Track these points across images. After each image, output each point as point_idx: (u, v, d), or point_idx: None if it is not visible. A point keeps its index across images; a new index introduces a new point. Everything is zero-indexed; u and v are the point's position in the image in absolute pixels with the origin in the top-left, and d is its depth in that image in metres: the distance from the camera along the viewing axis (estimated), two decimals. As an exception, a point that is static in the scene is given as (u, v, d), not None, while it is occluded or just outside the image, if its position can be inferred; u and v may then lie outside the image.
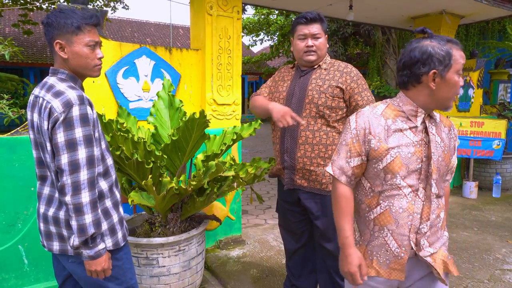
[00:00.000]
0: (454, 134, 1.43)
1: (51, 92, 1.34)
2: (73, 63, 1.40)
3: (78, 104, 1.31)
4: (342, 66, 2.05)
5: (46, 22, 1.37)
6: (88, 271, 1.40)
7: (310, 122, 1.97)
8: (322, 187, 2.02)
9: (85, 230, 1.32)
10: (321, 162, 1.99)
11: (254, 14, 15.23)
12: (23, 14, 12.16)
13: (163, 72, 3.02)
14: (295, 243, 2.26)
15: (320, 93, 1.96)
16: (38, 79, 16.28)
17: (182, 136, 2.13)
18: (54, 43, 1.37)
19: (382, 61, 8.50)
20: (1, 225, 2.37)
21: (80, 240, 1.33)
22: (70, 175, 1.29)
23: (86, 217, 1.32)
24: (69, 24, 1.35)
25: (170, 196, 2.12)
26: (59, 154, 1.30)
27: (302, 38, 2.01)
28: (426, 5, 4.63)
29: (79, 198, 1.30)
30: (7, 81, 7.49)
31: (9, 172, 2.37)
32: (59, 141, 1.29)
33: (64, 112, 1.29)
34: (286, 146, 2.03)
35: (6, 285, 2.40)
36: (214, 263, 3.05)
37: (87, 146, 1.33)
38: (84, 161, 1.32)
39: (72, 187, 1.30)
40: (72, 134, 1.30)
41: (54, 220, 1.43)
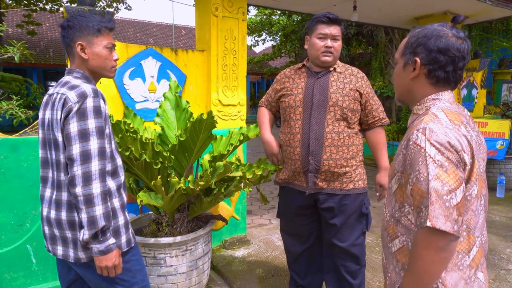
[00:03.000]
0: None
1: (66, 86, 1.38)
2: (92, 64, 1.46)
3: (92, 96, 1.34)
4: (354, 71, 2.10)
5: (67, 24, 1.42)
6: (98, 267, 1.37)
7: (334, 125, 1.99)
8: (343, 186, 2.05)
9: (95, 222, 1.30)
10: (344, 163, 2.02)
11: (256, 15, 15.25)
12: (26, 15, 12.22)
13: (169, 73, 3.04)
14: (301, 245, 2.27)
15: (344, 96, 1.99)
16: (41, 79, 16.35)
17: (189, 136, 2.14)
18: (76, 45, 1.42)
19: (385, 61, 8.51)
20: (9, 224, 2.39)
21: (91, 234, 1.30)
22: (81, 165, 1.29)
23: (97, 208, 1.30)
24: (91, 26, 1.42)
25: (178, 196, 2.14)
26: (71, 144, 1.30)
27: (322, 37, 2.00)
28: (430, 6, 4.64)
29: (90, 189, 1.29)
30: (11, 81, 7.54)
31: (17, 173, 2.39)
32: (71, 131, 1.30)
33: (78, 102, 1.31)
34: (311, 149, 2.01)
35: (15, 284, 2.42)
36: (220, 262, 3.07)
37: (99, 138, 1.33)
38: (96, 151, 1.32)
39: (83, 177, 1.29)
40: (85, 124, 1.31)
41: (57, 222, 1.41)
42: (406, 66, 1.15)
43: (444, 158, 0.97)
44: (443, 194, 0.95)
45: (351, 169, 2.05)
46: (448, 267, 1.06)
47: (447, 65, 1.08)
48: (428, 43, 1.09)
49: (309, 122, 2.02)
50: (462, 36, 1.11)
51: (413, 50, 1.12)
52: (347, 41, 10.20)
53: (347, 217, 2.07)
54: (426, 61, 1.10)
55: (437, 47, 1.08)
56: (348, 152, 2.02)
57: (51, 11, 12.29)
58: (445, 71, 1.09)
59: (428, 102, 1.13)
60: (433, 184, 0.95)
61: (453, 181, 0.96)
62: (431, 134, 1.00)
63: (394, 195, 1.16)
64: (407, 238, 1.12)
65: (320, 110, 2.00)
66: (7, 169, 2.36)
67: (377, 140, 2.14)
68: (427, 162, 0.97)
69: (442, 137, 0.99)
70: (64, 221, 1.39)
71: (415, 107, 1.17)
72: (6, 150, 2.35)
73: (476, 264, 1.11)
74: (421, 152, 0.99)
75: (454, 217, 0.95)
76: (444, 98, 1.11)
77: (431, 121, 1.03)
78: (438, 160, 0.97)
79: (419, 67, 1.11)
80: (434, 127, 1.01)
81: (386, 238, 1.22)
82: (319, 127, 1.99)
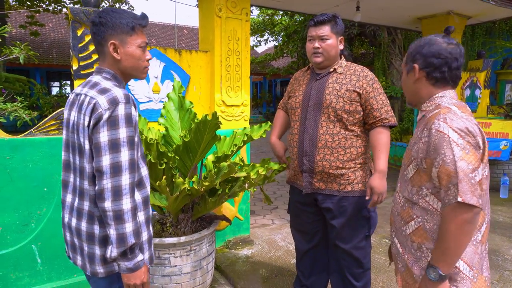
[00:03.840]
0: None
1: (95, 88, 1.28)
2: (125, 64, 1.35)
3: (124, 103, 1.23)
4: (358, 70, 2.05)
5: (99, 21, 1.30)
6: (126, 285, 1.29)
7: (329, 126, 1.99)
8: (340, 188, 2.04)
9: (125, 240, 1.21)
10: (340, 165, 2.00)
11: (259, 15, 15.27)
12: (29, 16, 12.27)
13: (172, 73, 3.05)
14: (307, 244, 2.28)
15: (338, 97, 1.98)
16: (44, 79, 16.41)
17: (194, 137, 2.15)
18: (108, 44, 1.31)
19: (388, 61, 8.50)
20: (15, 224, 2.40)
21: (119, 251, 1.22)
22: (111, 178, 1.19)
23: (127, 225, 1.21)
24: (124, 24, 1.31)
25: (183, 196, 2.15)
26: (100, 155, 1.19)
27: (311, 39, 2.05)
28: (433, 6, 4.63)
29: (120, 205, 1.20)
30: (15, 82, 7.58)
31: (22, 173, 2.41)
32: (101, 140, 1.19)
33: (109, 109, 1.20)
34: (305, 150, 2.04)
35: (20, 284, 2.43)
36: (223, 263, 3.08)
37: (130, 149, 1.24)
38: (126, 164, 1.22)
39: (113, 191, 1.19)
40: (116, 134, 1.20)
41: (77, 232, 1.34)
42: (409, 73, 1.36)
43: (465, 142, 1.12)
44: (468, 173, 1.09)
45: (348, 171, 2.02)
46: None
47: (442, 66, 1.27)
48: (423, 50, 1.30)
49: (305, 123, 2.05)
50: (453, 42, 1.30)
51: (412, 59, 1.34)
52: (350, 41, 10.19)
53: (347, 219, 2.05)
54: (423, 66, 1.30)
55: (430, 53, 1.28)
56: (344, 154, 2.00)
57: (54, 12, 12.34)
58: (441, 72, 1.28)
59: (436, 99, 1.30)
60: (460, 164, 1.10)
61: (475, 161, 1.11)
62: (452, 122, 1.15)
63: (410, 181, 1.32)
64: (423, 219, 1.26)
65: (315, 112, 2.02)
66: (13, 169, 2.37)
67: (376, 140, 2.03)
68: (451, 146, 1.12)
69: (461, 124, 1.15)
70: (83, 232, 1.32)
71: (424, 104, 1.34)
72: (11, 150, 2.37)
73: (485, 240, 1.25)
74: (445, 137, 1.14)
75: (478, 192, 1.09)
76: (448, 95, 1.30)
77: (448, 113, 1.19)
78: (461, 143, 1.12)
79: (417, 71, 1.32)
80: (453, 117, 1.17)
81: (400, 222, 1.36)
82: (313, 129, 2.02)
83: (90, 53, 2.57)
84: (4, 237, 2.38)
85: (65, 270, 2.56)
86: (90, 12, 2.50)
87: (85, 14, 2.49)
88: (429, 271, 1.18)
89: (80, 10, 2.48)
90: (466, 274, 1.19)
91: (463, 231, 1.10)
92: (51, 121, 2.52)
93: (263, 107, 22.27)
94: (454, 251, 1.13)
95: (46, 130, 2.51)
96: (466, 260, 1.20)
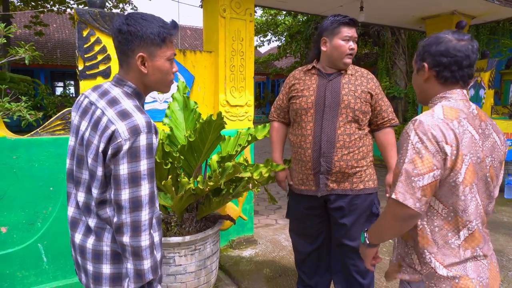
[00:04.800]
0: None
1: (114, 108, 1.16)
2: (151, 79, 1.24)
3: (146, 132, 1.12)
4: (364, 72, 2.11)
5: (127, 29, 1.17)
6: None
7: (346, 126, 2.01)
8: (353, 186, 2.06)
9: (142, 276, 1.17)
10: (355, 164, 2.03)
11: (262, 15, 15.27)
12: (34, 16, 12.35)
13: (177, 74, 3.06)
14: (310, 245, 2.28)
15: (356, 98, 2.01)
16: (49, 79, 16.50)
17: (199, 137, 2.16)
18: (136, 56, 1.19)
19: (391, 61, 8.48)
20: (21, 224, 2.43)
21: (136, 286, 1.18)
22: (130, 213, 1.12)
23: (145, 262, 1.16)
24: (156, 35, 1.19)
25: (187, 196, 2.16)
26: (120, 188, 1.12)
27: (347, 40, 2.00)
28: (437, 6, 4.62)
29: (139, 241, 1.14)
30: (20, 82, 7.64)
31: (28, 172, 2.43)
32: (121, 173, 1.11)
33: (129, 140, 1.10)
34: (323, 151, 2.02)
35: (26, 282, 2.46)
36: (227, 262, 3.09)
37: (150, 182, 1.15)
38: (146, 198, 1.14)
39: (132, 227, 1.13)
40: (137, 166, 1.12)
41: (80, 249, 1.26)
42: (419, 71, 1.33)
43: (422, 146, 1.13)
44: (411, 175, 1.12)
45: (361, 170, 2.06)
46: (440, 244, 1.21)
47: (451, 65, 1.23)
48: (431, 49, 1.26)
49: (321, 124, 2.03)
50: (464, 38, 1.24)
51: (421, 57, 1.31)
52: (353, 41, 10.17)
53: (357, 216, 2.08)
54: (432, 65, 1.26)
55: (438, 51, 1.24)
56: (358, 153, 2.03)
57: (58, 13, 12.40)
58: (451, 71, 1.23)
59: (436, 100, 1.28)
60: (406, 166, 1.13)
61: (425, 167, 1.12)
62: (418, 125, 1.15)
63: None
64: None
65: (332, 112, 2.01)
66: (19, 169, 2.40)
67: (386, 140, 2.15)
68: (408, 148, 1.15)
69: (426, 128, 1.14)
70: (88, 249, 1.23)
71: (429, 105, 1.32)
72: (18, 150, 2.39)
73: (471, 246, 1.21)
74: (408, 139, 1.16)
75: (417, 196, 1.12)
76: (451, 96, 1.24)
77: (425, 115, 1.19)
78: (418, 147, 1.13)
79: (427, 70, 1.28)
80: (424, 120, 1.16)
81: None
82: (331, 129, 2.01)
83: (95, 54, 2.59)
84: (11, 236, 2.40)
85: (70, 269, 2.58)
86: (96, 13, 2.52)
87: (90, 15, 2.50)
88: (363, 234, 1.37)
89: (86, 11, 2.50)
90: (443, 275, 1.19)
91: (391, 224, 1.21)
92: (57, 121, 2.54)
93: (266, 107, 22.29)
94: (379, 233, 1.30)
95: (52, 130, 2.53)
96: (443, 262, 1.20)
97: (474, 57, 1.23)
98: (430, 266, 1.21)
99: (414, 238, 1.26)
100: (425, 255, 1.22)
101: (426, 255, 1.22)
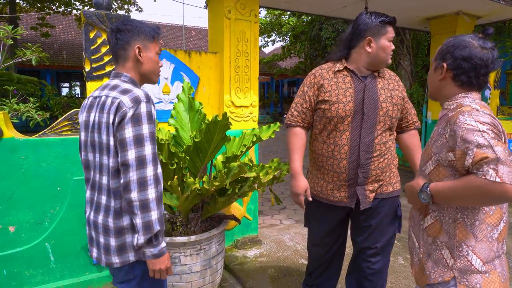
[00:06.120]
0: None
1: (116, 90, 1.37)
2: (145, 67, 1.47)
3: (145, 102, 1.33)
4: (392, 74, 2.03)
5: (124, 28, 1.43)
6: (151, 271, 1.38)
7: (383, 135, 1.92)
8: (383, 190, 1.99)
9: (151, 227, 1.31)
10: (387, 169, 1.97)
11: (266, 15, 15.29)
12: (40, 17, 12.45)
13: (182, 75, 3.09)
14: (326, 254, 2.19)
15: (393, 105, 1.92)
16: (55, 80, 16.62)
17: (204, 138, 2.18)
18: (134, 47, 1.43)
19: (396, 62, 8.46)
20: (29, 223, 2.46)
21: (146, 238, 1.31)
22: (137, 170, 1.29)
23: (153, 213, 1.31)
24: (148, 32, 1.46)
25: (193, 196, 2.18)
26: (126, 149, 1.29)
27: (392, 40, 1.90)
28: (442, 6, 4.61)
29: (146, 194, 1.29)
30: (26, 83, 7.70)
31: (36, 173, 2.46)
32: (127, 136, 1.29)
33: (133, 108, 1.30)
34: (361, 162, 1.89)
35: (34, 281, 2.49)
36: (232, 262, 3.10)
37: (152, 143, 1.33)
38: (150, 157, 1.32)
39: (138, 183, 1.29)
40: (140, 129, 1.30)
41: (94, 225, 1.44)
42: (436, 69, 1.38)
43: (493, 133, 1.15)
44: (507, 155, 1.11)
45: (391, 173, 2.01)
46: (478, 237, 1.24)
47: (470, 72, 1.28)
48: (455, 52, 1.30)
49: (359, 133, 1.88)
50: (488, 47, 1.29)
51: (442, 56, 1.34)
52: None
53: (382, 218, 2.01)
54: (452, 67, 1.31)
55: (461, 56, 1.28)
56: (390, 158, 1.97)
57: (64, 14, 12.50)
58: (468, 76, 1.29)
59: (458, 99, 1.32)
60: (497, 149, 1.11)
61: (505, 147, 1.14)
62: (477, 117, 1.18)
63: (428, 176, 1.34)
64: (439, 214, 1.31)
65: (371, 121, 1.88)
66: (27, 169, 2.43)
67: (413, 143, 2.07)
68: (483, 135, 1.14)
69: (486, 118, 1.18)
70: (100, 224, 1.41)
71: (446, 103, 1.36)
72: (26, 150, 2.42)
73: (502, 239, 1.27)
74: (474, 128, 1.16)
75: None
76: (472, 96, 1.31)
77: (472, 110, 1.22)
78: (490, 133, 1.14)
79: (445, 71, 1.33)
80: (477, 113, 1.20)
81: (418, 216, 1.41)
82: (370, 139, 1.88)
83: (102, 55, 2.61)
84: (19, 235, 2.44)
85: (77, 268, 2.61)
86: (102, 15, 2.55)
87: (97, 17, 2.53)
88: (421, 195, 1.30)
89: (93, 13, 2.53)
90: (477, 268, 1.23)
91: (480, 200, 1.16)
92: (64, 121, 2.57)
93: (271, 108, 22.30)
94: (454, 200, 1.23)
95: (59, 130, 2.56)
96: (480, 255, 1.24)
97: (492, 67, 1.28)
98: (467, 259, 1.24)
99: (449, 232, 1.28)
100: (462, 248, 1.25)
101: (463, 248, 1.24)
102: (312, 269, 2.28)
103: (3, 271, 2.40)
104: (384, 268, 2.11)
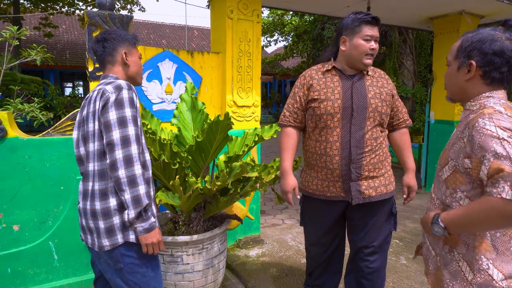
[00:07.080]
0: None
1: (102, 84, 1.53)
2: (132, 70, 1.66)
3: (126, 89, 1.46)
4: (382, 73, 2.08)
5: (108, 37, 1.60)
6: (144, 246, 1.47)
7: (373, 130, 1.95)
8: (377, 191, 1.99)
9: (140, 200, 1.40)
10: (380, 166, 1.99)
11: (269, 15, 15.29)
12: (44, 18, 12.51)
13: (185, 75, 3.10)
14: (324, 254, 2.21)
15: (382, 101, 1.96)
16: (58, 80, 16.69)
17: (206, 137, 2.19)
18: (122, 52, 1.61)
19: (399, 61, 8.44)
20: (33, 222, 2.48)
21: (136, 212, 1.40)
22: (122, 149, 1.39)
23: (140, 188, 1.40)
24: (130, 39, 1.66)
25: (195, 196, 2.19)
26: (111, 130, 1.40)
27: (368, 39, 1.89)
28: (445, 6, 4.60)
29: (132, 170, 1.39)
30: (30, 83, 7.75)
31: (40, 172, 2.48)
32: (111, 118, 1.41)
33: (114, 93, 1.43)
34: (353, 157, 1.92)
35: (38, 279, 2.51)
36: (234, 261, 3.11)
37: (135, 125, 1.45)
38: (133, 137, 1.42)
39: (125, 160, 1.39)
40: (123, 112, 1.42)
41: (84, 212, 1.53)
42: (461, 68, 1.25)
43: None
44: None
45: (385, 172, 2.02)
46: (500, 250, 1.15)
47: (502, 66, 1.17)
48: (483, 47, 1.18)
49: (349, 129, 1.92)
50: None
51: (467, 54, 1.22)
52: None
53: (377, 216, 2.04)
54: (482, 64, 1.19)
55: (492, 50, 1.16)
56: (382, 155, 1.99)
57: (67, 14, 12.55)
58: (500, 72, 1.18)
59: (482, 99, 1.21)
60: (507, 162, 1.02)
61: None
62: (498, 121, 1.08)
63: (445, 182, 1.27)
64: None
65: (360, 117, 1.92)
66: (31, 168, 2.45)
67: (403, 141, 2.12)
68: (502, 144, 1.04)
69: (508, 124, 1.08)
70: (88, 210, 1.50)
71: (468, 103, 1.26)
72: (30, 150, 2.44)
73: None
74: (493, 135, 1.07)
75: None
76: (497, 96, 1.20)
77: (494, 113, 1.12)
78: (511, 142, 1.04)
79: (474, 69, 1.20)
80: (499, 117, 1.10)
81: None
82: (360, 134, 1.92)
83: (105, 55, 2.63)
84: (23, 234, 2.46)
85: (81, 266, 2.63)
86: (106, 15, 2.56)
87: (100, 17, 2.55)
88: (434, 227, 1.20)
89: (96, 13, 2.54)
90: (499, 284, 1.14)
91: (496, 223, 1.06)
92: (68, 121, 2.59)
93: (273, 108, 22.30)
94: (468, 227, 1.14)
95: (63, 130, 2.58)
96: (502, 269, 1.15)
97: None
98: (487, 273, 1.15)
99: (468, 244, 1.19)
100: (482, 261, 1.16)
101: (483, 261, 1.16)
102: (312, 268, 2.30)
103: (7, 270, 2.42)
104: (382, 266, 2.13)
